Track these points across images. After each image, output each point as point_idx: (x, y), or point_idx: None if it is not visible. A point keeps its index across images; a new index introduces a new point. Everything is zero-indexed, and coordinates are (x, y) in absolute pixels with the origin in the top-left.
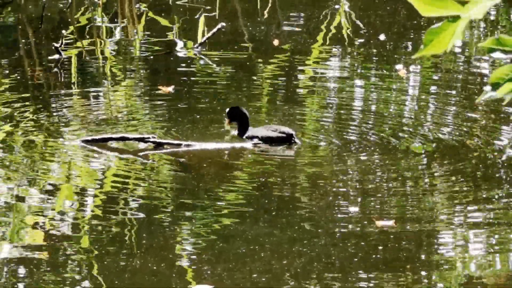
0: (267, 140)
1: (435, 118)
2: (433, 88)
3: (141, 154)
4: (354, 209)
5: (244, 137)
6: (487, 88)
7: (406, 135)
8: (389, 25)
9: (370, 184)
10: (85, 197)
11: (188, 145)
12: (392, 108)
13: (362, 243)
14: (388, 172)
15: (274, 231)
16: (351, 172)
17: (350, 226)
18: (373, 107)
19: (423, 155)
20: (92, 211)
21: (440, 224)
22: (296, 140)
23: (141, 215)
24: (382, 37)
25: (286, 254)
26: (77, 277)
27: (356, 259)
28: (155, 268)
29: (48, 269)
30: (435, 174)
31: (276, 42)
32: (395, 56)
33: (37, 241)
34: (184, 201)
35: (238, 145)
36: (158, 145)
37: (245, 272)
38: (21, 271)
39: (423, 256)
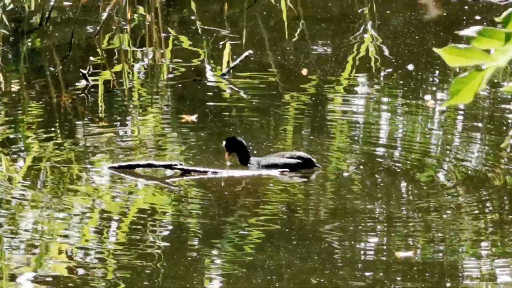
0: (292, 167)
1: (462, 149)
2: (460, 119)
3: (167, 181)
4: (376, 239)
5: (266, 165)
6: None
7: (432, 166)
8: (417, 55)
9: (393, 214)
10: (111, 224)
11: (214, 172)
12: (419, 139)
13: (383, 274)
14: (413, 203)
15: (295, 261)
16: (374, 202)
17: (371, 256)
18: (400, 137)
19: (448, 186)
20: (118, 238)
21: (464, 256)
22: (317, 165)
23: (166, 242)
24: (410, 67)
25: (306, 285)
26: None
27: None
28: None
29: None
30: (460, 205)
31: (304, 72)
32: (423, 86)
33: (62, 270)
34: (209, 230)
35: (264, 172)
36: (185, 172)
37: None
38: None
39: None
